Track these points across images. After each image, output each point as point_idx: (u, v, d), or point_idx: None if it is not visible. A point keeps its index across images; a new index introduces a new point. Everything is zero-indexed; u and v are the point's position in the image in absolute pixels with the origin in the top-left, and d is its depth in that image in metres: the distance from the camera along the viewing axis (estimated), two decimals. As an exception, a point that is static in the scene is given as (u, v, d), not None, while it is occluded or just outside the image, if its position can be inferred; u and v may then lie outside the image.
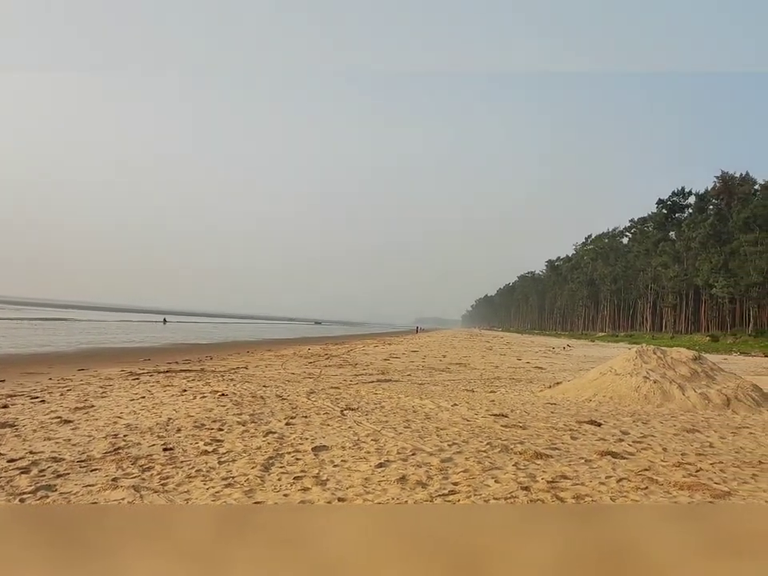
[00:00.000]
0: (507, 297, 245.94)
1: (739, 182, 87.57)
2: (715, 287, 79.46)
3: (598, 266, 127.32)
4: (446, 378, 15.89)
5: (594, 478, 5.58)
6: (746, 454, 7.12)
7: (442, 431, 7.71)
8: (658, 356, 13.52)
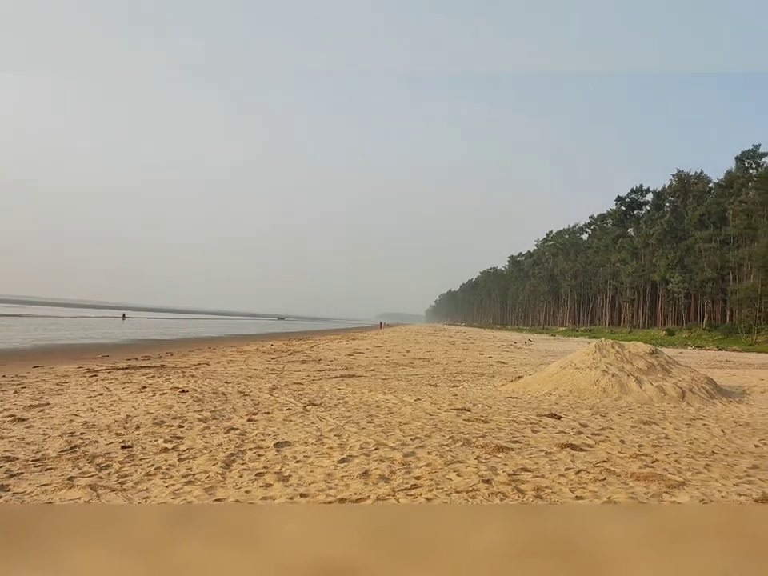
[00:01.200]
0: (470, 292, 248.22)
1: (694, 180, 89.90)
2: (671, 283, 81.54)
3: (558, 262, 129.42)
4: (409, 372, 15.95)
5: (553, 470, 5.67)
6: (699, 445, 7.32)
7: (404, 426, 7.74)
8: (617, 350, 13.80)
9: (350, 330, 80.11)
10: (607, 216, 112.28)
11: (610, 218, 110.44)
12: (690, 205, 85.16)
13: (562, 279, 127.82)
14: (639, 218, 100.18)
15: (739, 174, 74.02)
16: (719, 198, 77.42)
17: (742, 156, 74.27)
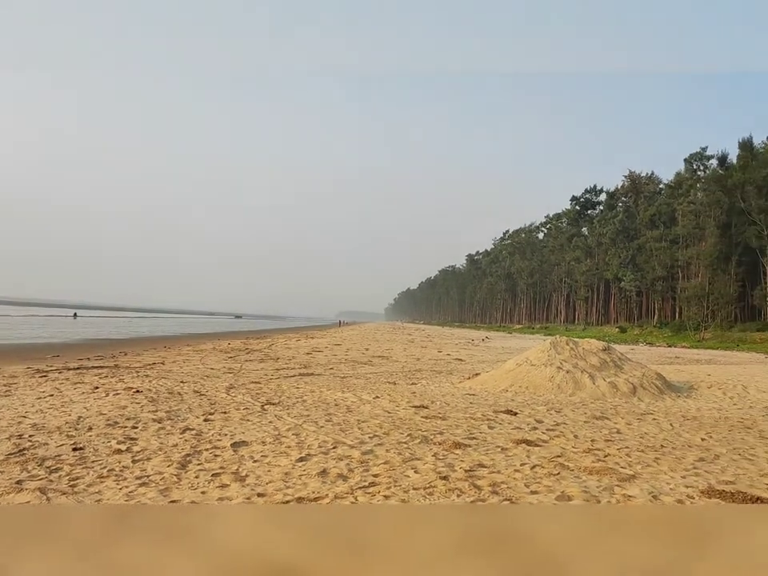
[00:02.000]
0: (429, 290, 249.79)
1: (645, 181, 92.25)
2: (624, 281, 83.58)
3: (515, 261, 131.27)
4: (368, 370, 15.97)
5: (509, 465, 5.76)
6: (649, 439, 7.53)
7: (363, 424, 7.75)
8: (571, 347, 14.08)
9: (308, 328, 79.76)
10: (562, 215, 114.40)
11: (565, 218, 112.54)
12: (641, 205, 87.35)
13: (518, 277, 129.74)
14: (593, 217, 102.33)
15: (688, 175, 76.29)
16: (669, 198, 79.65)
17: (690, 158, 76.54)
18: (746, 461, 6.45)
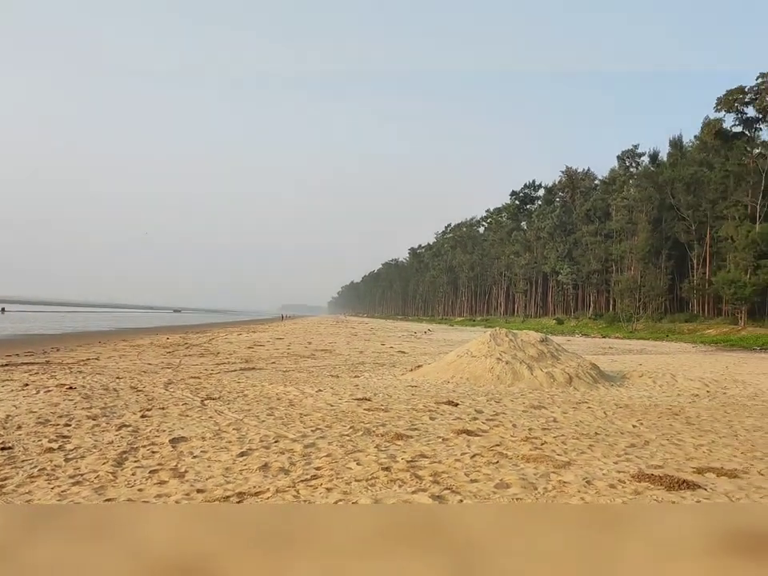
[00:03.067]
0: (372, 284, 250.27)
1: (582, 177, 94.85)
2: (561, 274, 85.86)
3: (457, 254, 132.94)
4: (311, 364, 15.91)
5: (450, 455, 5.85)
6: (584, 427, 7.79)
7: (305, 417, 7.73)
8: (510, 339, 14.39)
9: (250, 322, 78.69)
10: (502, 210, 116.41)
11: (505, 212, 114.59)
12: (577, 200, 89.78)
13: (460, 271, 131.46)
14: (532, 212, 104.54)
15: (621, 171, 78.86)
16: (604, 194, 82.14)
17: (622, 155, 79.12)
18: (673, 446, 6.75)
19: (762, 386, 13.54)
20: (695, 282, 61.53)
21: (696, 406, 10.06)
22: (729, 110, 57.30)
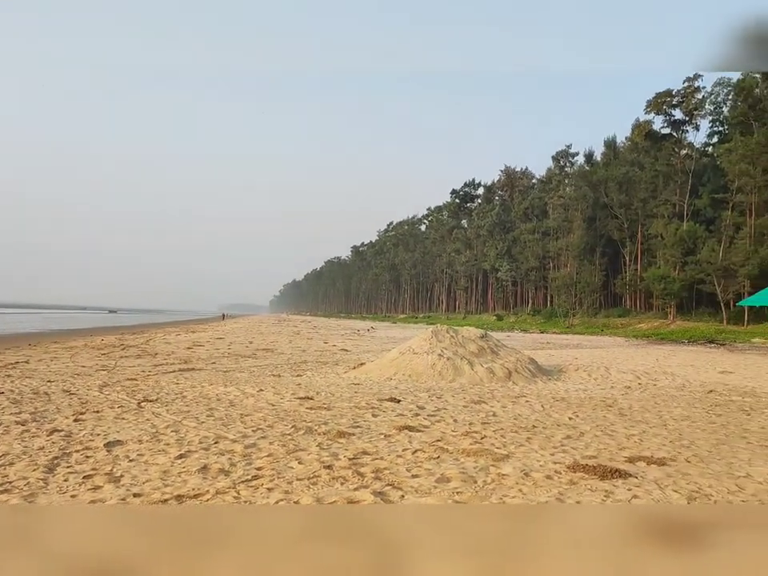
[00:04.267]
0: (315, 282, 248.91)
1: (520, 176, 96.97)
2: (500, 271, 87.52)
3: (399, 252, 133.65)
4: (252, 364, 15.71)
5: (392, 451, 5.89)
6: (522, 420, 7.97)
7: (246, 417, 7.63)
8: (451, 335, 14.58)
9: (189, 322, 76.98)
10: (443, 208, 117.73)
11: (446, 210, 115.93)
12: (516, 199, 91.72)
13: (402, 268, 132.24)
14: (472, 210, 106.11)
15: (557, 171, 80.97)
16: (541, 192, 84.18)
17: (557, 155, 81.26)
18: (607, 436, 7.00)
19: (689, 377, 14.18)
20: (628, 278, 63.76)
21: (628, 398, 10.45)
22: (658, 112, 59.61)
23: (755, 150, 44.81)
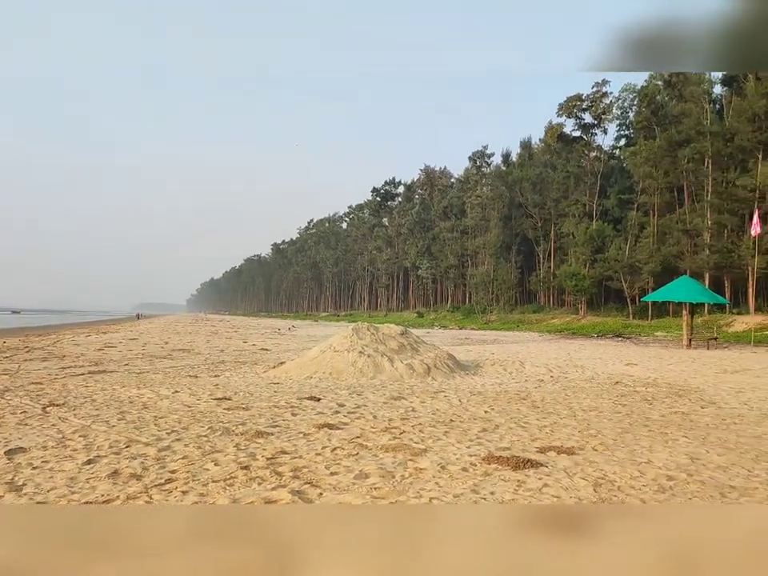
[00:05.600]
0: (234, 280, 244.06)
1: (439, 175, 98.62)
2: (421, 269, 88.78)
3: (320, 250, 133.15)
4: (167, 365, 15.23)
5: (311, 449, 5.87)
6: (440, 415, 8.12)
7: (160, 420, 7.40)
8: (372, 332, 14.67)
9: (101, 322, 73.75)
10: (364, 206, 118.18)
11: (367, 209, 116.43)
12: (435, 197, 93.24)
13: (323, 266, 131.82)
14: (392, 208, 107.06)
15: (474, 171, 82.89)
16: (459, 192, 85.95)
17: (473, 156, 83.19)
18: (520, 428, 7.24)
19: (597, 369, 14.86)
20: (541, 275, 66.13)
21: (541, 391, 10.84)
22: (569, 115, 62.04)
23: (657, 154, 47.39)
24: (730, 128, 43.15)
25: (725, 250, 41.86)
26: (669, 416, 8.32)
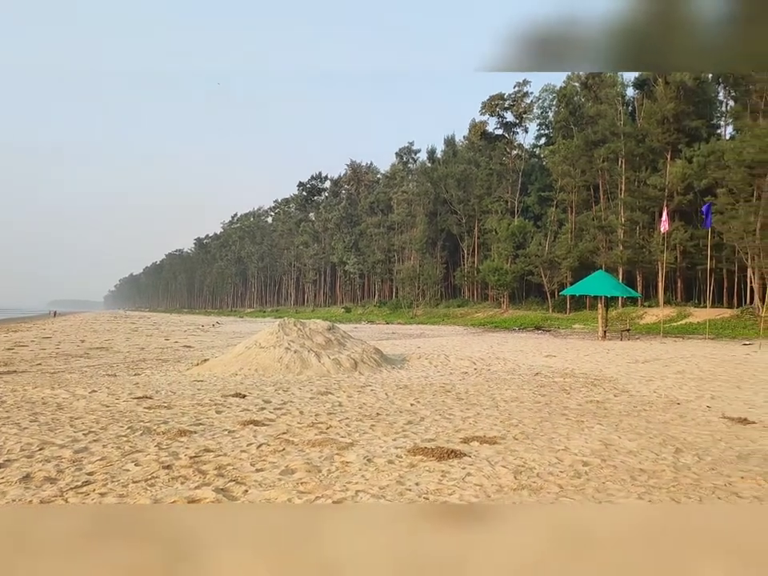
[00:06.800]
0: (155, 276, 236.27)
1: (365, 171, 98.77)
2: (348, 264, 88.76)
3: (245, 245, 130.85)
4: (84, 364, 14.63)
5: (236, 447, 5.80)
6: (367, 409, 8.18)
7: (77, 421, 7.11)
8: (298, 328, 14.58)
9: (11, 320, 69.85)
10: (290, 201, 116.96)
11: (293, 203, 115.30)
12: (362, 193, 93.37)
13: (249, 261, 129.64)
14: (319, 203, 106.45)
15: (400, 167, 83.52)
16: (386, 188, 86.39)
17: (400, 152, 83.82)
18: (445, 420, 7.39)
19: (519, 361, 15.34)
20: (466, 270, 67.41)
21: (465, 383, 11.09)
22: (491, 113, 63.45)
23: (575, 153, 49.19)
24: (642, 129, 45.28)
25: (637, 246, 43.95)
26: (585, 405, 8.70)
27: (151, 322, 54.13)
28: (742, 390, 10.31)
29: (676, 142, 43.10)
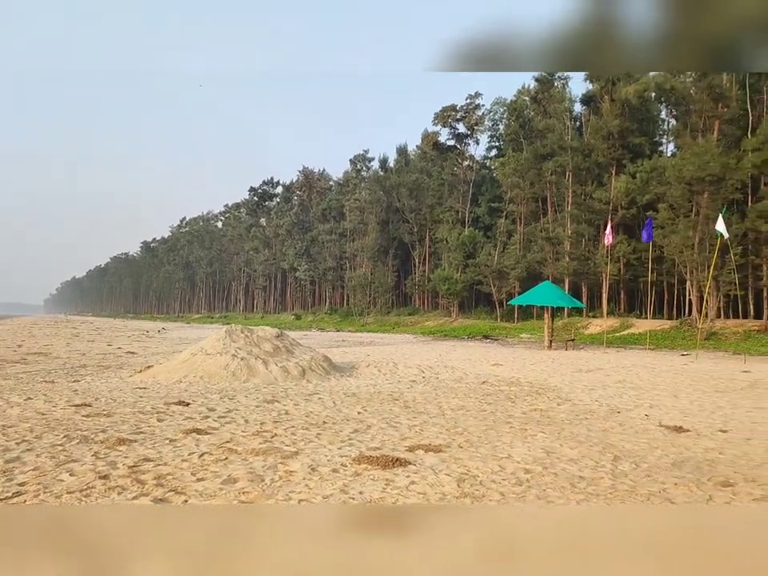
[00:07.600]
0: (98, 279, 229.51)
1: (318, 177, 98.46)
2: (299, 270, 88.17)
3: (194, 249, 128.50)
4: (20, 370, 14.08)
5: (177, 456, 5.67)
6: (314, 417, 8.13)
7: (9, 429, 6.83)
8: (246, 335, 14.39)
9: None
10: (241, 205, 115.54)
11: (244, 208, 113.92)
12: (314, 199, 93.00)
13: (197, 266, 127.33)
14: (270, 209, 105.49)
15: (354, 174, 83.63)
16: (339, 195, 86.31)
17: (354, 159, 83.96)
18: (391, 428, 7.40)
19: (466, 370, 15.50)
20: (417, 278, 67.84)
21: (413, 391, 11.14)
22: (444, 124, 64.21)
23: (524, 166, 50.18)
24: (588, 144, 46.54)
25: (582, 257, 45.05)
26: (529, 413, 8.85)
27: (94, 327, 52.54)
28: (678, 399, 10.66)
29: (620, 157, 44.48)
